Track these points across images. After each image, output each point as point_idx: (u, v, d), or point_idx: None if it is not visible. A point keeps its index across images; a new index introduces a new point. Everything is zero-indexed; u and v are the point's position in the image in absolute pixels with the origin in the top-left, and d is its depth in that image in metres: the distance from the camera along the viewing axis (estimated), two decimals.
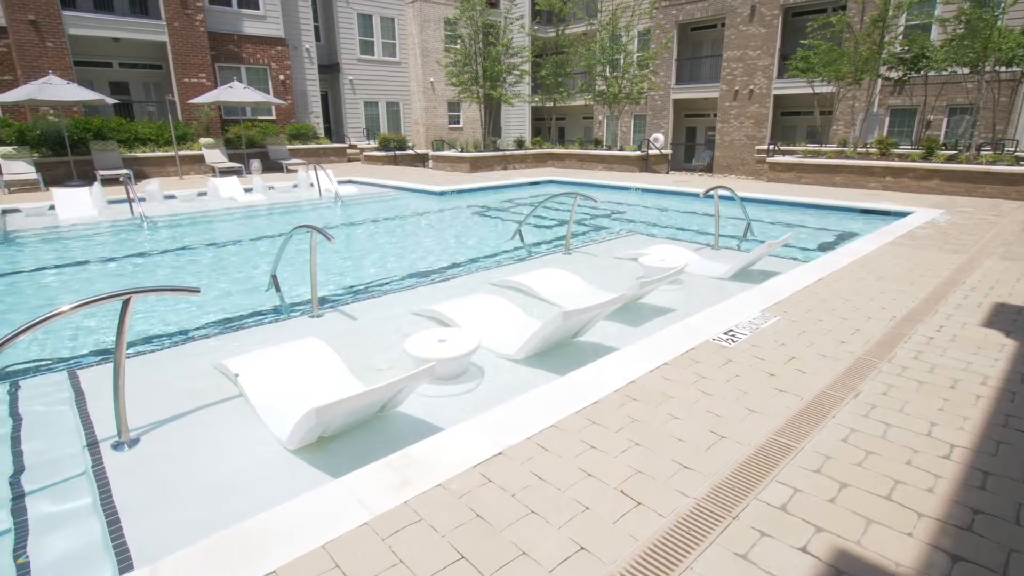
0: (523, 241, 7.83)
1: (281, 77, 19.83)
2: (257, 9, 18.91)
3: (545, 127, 23.99)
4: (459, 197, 12.95)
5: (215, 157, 16.06)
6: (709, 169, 23.63)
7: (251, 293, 5.78)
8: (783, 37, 20.30)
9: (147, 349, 4.34)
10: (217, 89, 16.12)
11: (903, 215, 8.89)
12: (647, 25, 23.49)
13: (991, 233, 7.27)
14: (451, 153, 18.07)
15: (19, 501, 2.63)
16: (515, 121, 30.93)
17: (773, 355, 3.55)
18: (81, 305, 2.73)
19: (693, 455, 2.48)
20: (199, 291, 3.12)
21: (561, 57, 19.88)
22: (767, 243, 5.70)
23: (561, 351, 4.14)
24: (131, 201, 9.84)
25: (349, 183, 14.47)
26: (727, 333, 3.92)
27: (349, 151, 21.37)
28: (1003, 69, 13.17)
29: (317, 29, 22.75)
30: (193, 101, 16.24)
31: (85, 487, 2.70)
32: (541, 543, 1.96)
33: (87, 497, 2.63)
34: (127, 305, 2.88)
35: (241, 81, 18.40)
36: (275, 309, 5.30)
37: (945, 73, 13.82)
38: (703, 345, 3.71)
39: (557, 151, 18.93)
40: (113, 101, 14.12)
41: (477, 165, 17.32)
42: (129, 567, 2.19)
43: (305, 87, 21.21)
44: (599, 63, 18.47)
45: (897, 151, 13.06)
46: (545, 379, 3.63)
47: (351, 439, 3.03)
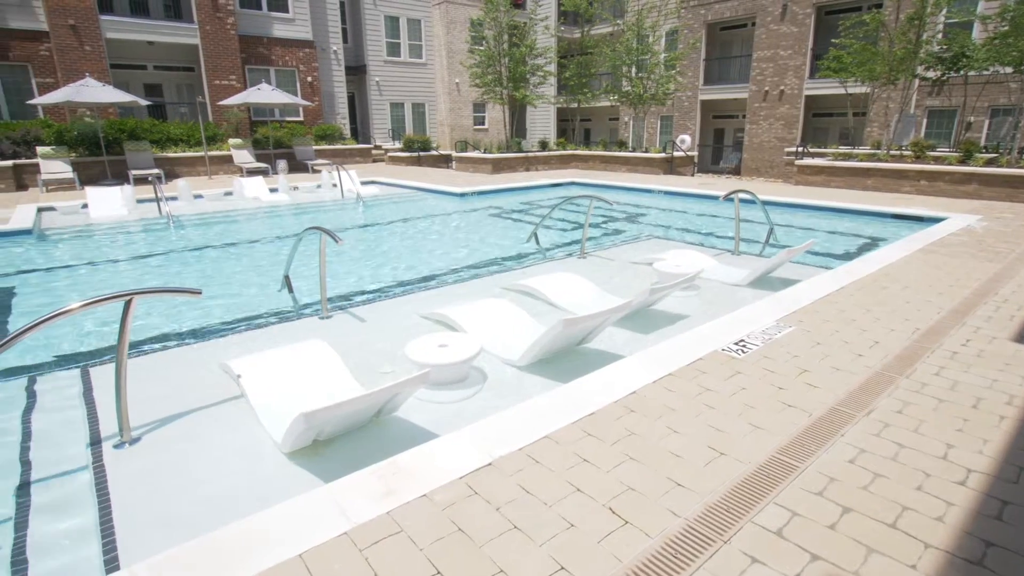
0: (538, 244, 7.76)
1: (309, 79, 20.16)
2: (286, 12, 19.26)
3: (570, 128, 23.81)
4: (479, 198, 12.94)
5: (243, 157, 16.40)
6: (737, 171, 23.16)
7: (265, 293, 5.85)
8: (816, 36, 19.76)
9: (158, 348, 4.41)
10: (246, 91, 16.47)
11: (936, 221, 8.54)
12: (674, 25, 23.16)
13: None
14: (474, 154, 18.10)
15: (24, 494, 2.69)
16: (540, 122, 30.85)
17: (784, 367, 3.42)
18: (84, 305, 2.77)
19: (689, 472, 2.39)
20: (200, 292, 3.15)
21: (586, 58, 19.73)
22: (787, 250, 5.52)
23: (566, 358, 4.07)
24: (158, 200, 10.10)
25: (372, 183, 14.62)
26: (738, 343, 3.79)
27: (374, 152, 21.60)
28: None
29: (345, 31, 23.07)
30: (223, 103, 16.62)
31: (85, 483, 2.74)
32: (521, 561, 1.90)
33: (86, 493, 2.67)
34: (129, 306, 2.92)
35: (270, 83, 18.78)
36: (286, 310, 5.35)
37: (987, 73, 13.24)
38: (711, 355, 3.59)
39: (580, 152, 18.79)
40: (146, 103, 14.53)
41: (499, 166, 17.31)
42: (115, 566, 2.22)
43: (332, 88, 21.52)
44: (624, 64, 18.26)
45: (933, 154, 12.56)
46: (547, 386, 3.58)
47: (346, 443, 3.01)
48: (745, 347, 3.73)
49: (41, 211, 10.28)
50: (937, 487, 2.28)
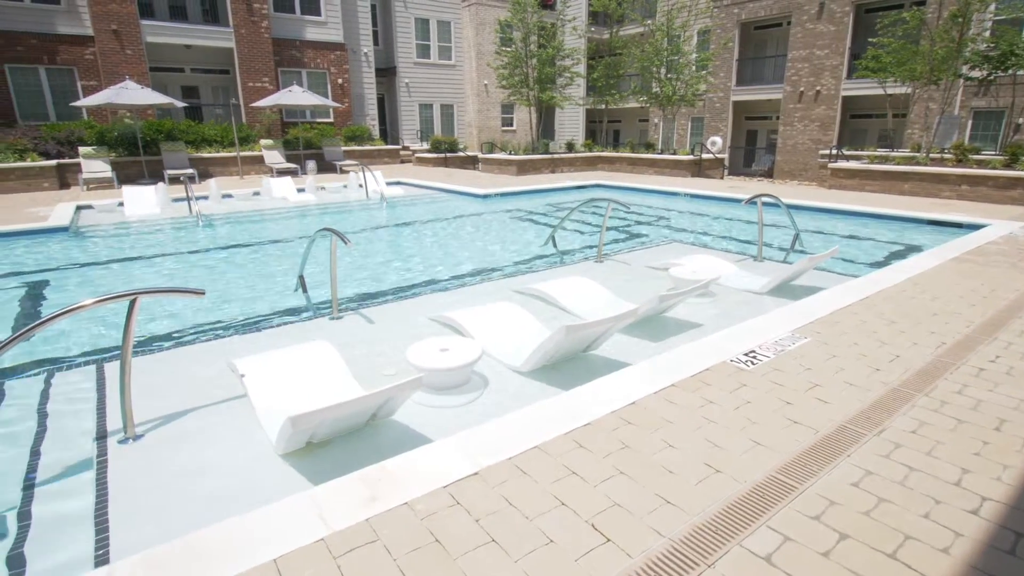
0: (556, 247, 7.69)
1: (339, 81, 20.50)
2: (319, 15, 19.62)
3: (599, 130, 23.61)
4: (502, 200, 12.92)
5: (274, 158, 16.77)
6: (770, 174, 22.58)
7: (280, 292, 5.94)
8: (854, 35, 19.12)
9: (171, 345, 4.52)
10: (278, 93, 16.84)
11: (976, 228, 8.14)
12: (705, 24, 22.73)
13: None
14: (499, 155, 18.11)
15: (29, 484, 2.77)
16: (569, 123, 30.70)
17: (794, 381, 3.28)
18: (89, 304, 2.84)
19: (680, 489, 2.30)
20: (203, 293, 3.20)
21: (613, 59, 19.53)
22: (809, 257, 5.32)
23: (572, 364, 4.00)
24: (189, 200, 10.39)
25: (397, 184, 14.75)
26: (748, 354, 3.66)
27: (402, 153, 21.82)
28: None
29: (376, 33, 23.38)
30: (255, 104, 17.02)
31: (88, 476, 2.81)
32: None
33: (87, 486, 2.73)
34: (133, 305, 2.98)
35: (302, 85, 19.17)
36: (300, 309, 5.42)
37: None
38: (718, 366, 3.48)
39: (607, 154, 18.61)
40: (182, 104, 14.99)
41: (524, 168, 17.27)
42: (105, 558, 2.26)
43: (362, 90, 21.83)
44: (652, 64, 18.01)
45: (977, 157, 11.99)
46: (549, 393, 3.52)
47: (342, 446, 3.01)
48: (755, 358, 3.60)
49: (79, 209, 10.70)
50: (946, 515, 2.14)
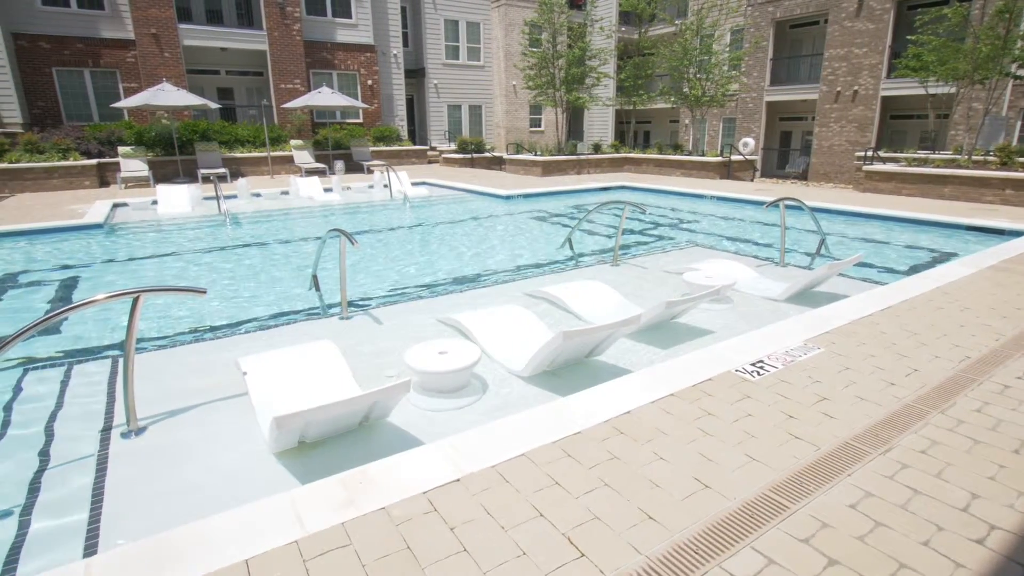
0: (572, 250, 7.61)
1: (369, 82, 20.79)
2: (350, 18, 19.93)
3: (628, 130, 23.32)
4: (525, 201, 12.88)
5: (303, 158, 17.11)
6: (804, 177, 21.94)
7: (296, 291, 6.02)
8: (895, 32, 18.42)
9: (187, 340, 4.62)
10: (308, 94, 17.17)
11: (1020, 234, 7.72)
12: (737, 23, 22.23)
13: None
14: (524, 156, 18.07)
15: (38, 472, 2.87)
16: (598, 124, 30.46)
17: (800, 394, 3.15)
18: (91, 302, 2.92)
19: (664, 504, 2.22)
20: (205, 292, 3.26)
21: (641, 59, 19.27)
22: (829, 263, 5.13)
23: (574, 370, 3.93)
24: (218, 199, 10.66)
25: (422, 184, 14.86)
26: (755, 364, 3.53)
27: (429, 153, 21.99)
28: None
29: (406, 35, 23.63)
30: (286, 105, 17.40)
31: (88, 467, 2.89)
32: None
33: (88, 477, 2.81)
34: (136, 302, 3.06)
35: (332, 86, 19.52)
36: (311, 308, 5.48)
37: None
38: (722, 376, 3.36)
39: (634, 156, 18.37)
40: (215, 105, 15.41)
41: (550, 169, 17.19)
42: (95, 547, 2.32)
43: (391, 91, 22.08)
44: (681, 64, 17.70)
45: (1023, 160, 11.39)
46: (547, 399, 3.47)
47: (334, 447, 3.02)
48: (762, 368, 3.47)
49: (115, 207, 11.11)
50: (948, 544, 2.01)
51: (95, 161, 13.79)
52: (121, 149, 14.21)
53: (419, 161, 20.56)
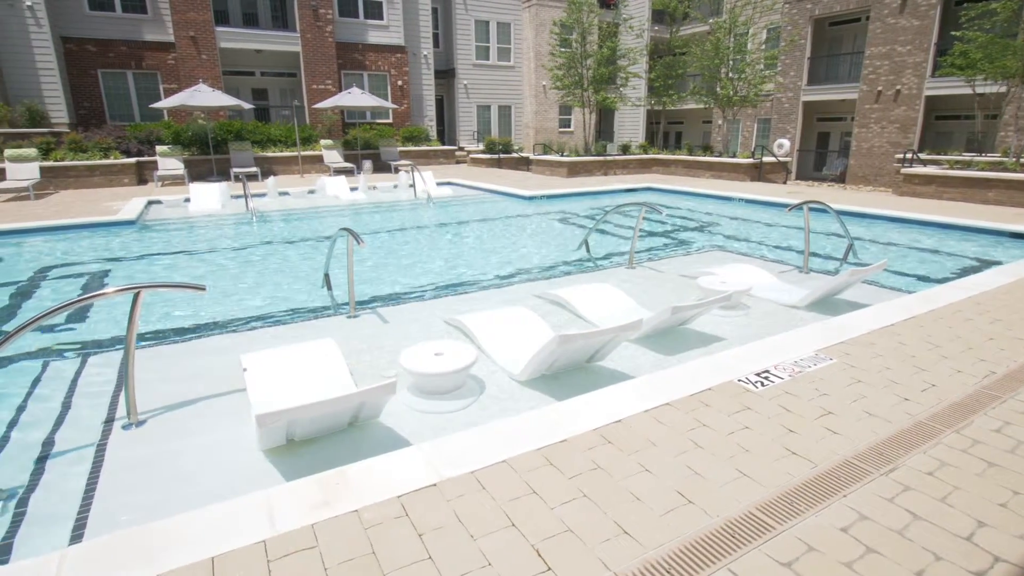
0: (589, 252, 7.51)
1: (399, 83, 21.02)
2: (381, 20, 20.19)
3: (659, 131, 22.93)
4: (547, 202, 12.80)
5: (332, 157, 17.40)
6: (842, 179, 21.19)
7: (309, 289, 6.10)
8: (941, 30, 17.61)
9: (194, 336, 4.72)
10: (337, 95, 17.45)
11: None
12: (771, 22, 21.61)
13: None
14: (550, 157, 17.97)
15: (42, 460, 2.96)
16: (629, 125, 30.12)
17: (804, 407, 3.00)
18: (94, 296, 3.00)
19: (642, 519, 2.14)
20: (204, 288, 3.31)
21: (671, 59, 18.93)
22: (851, 270, 4.90)
23: (574, 375, 3.86)
24: (246, 197, 10.92)
25: (447, 184, 14.93)
26: (760, 374, 3.39)
27: (457, 154, 22.10)
28: None
29: (436, 36, 23.81)
30: (316, 106, 17.73)
31: (87, 456, 2.96)
32: None
33: (84, 466, 2.88)
34: (137, 298, 3.12)
35: (363, 87, 19.81)
36: (323, 306, 5.54)
37: None
38: (723, 386, 3.24)
39: (662, 157, 18.07)
40: (248, 106, 15.82)
41: (575, 170, 17.05)
42: (80, 536, 2.37)
43: (421, 92, 22.27)
44: (712, 63, 17.31)
45: None
46: (543, 403, 3.41)
47: (323, 445, 3.02)
48: (767, 379, 3.33)
49: (150, 204, 11.49)
50: (944, 575, 1.87)
51: (134, 160, 14.31)
52: (159, 148, 14.71)
53: (447, 161, 20.68)
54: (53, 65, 15.31)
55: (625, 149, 19.36)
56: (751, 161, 15.65)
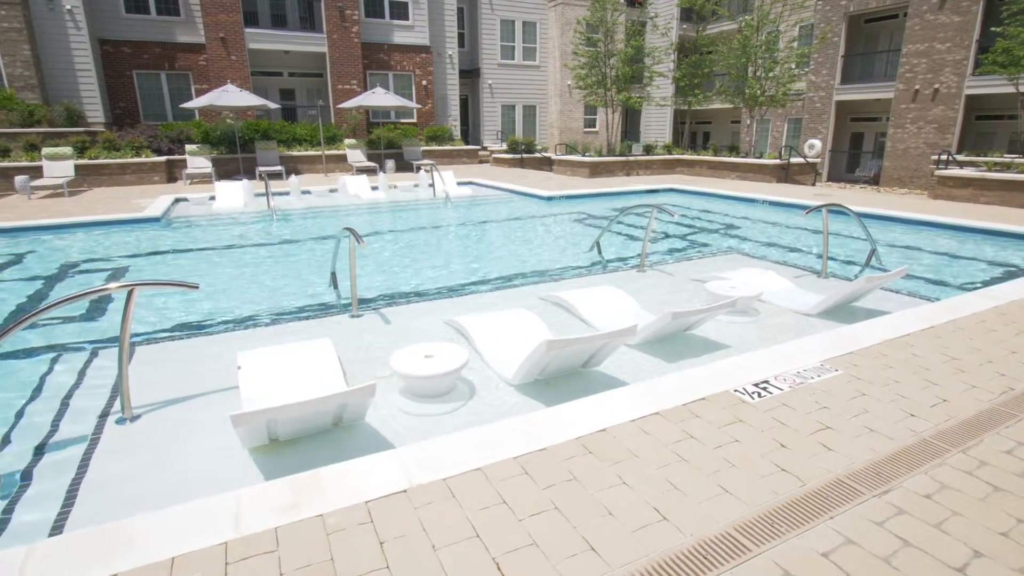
0: (601, 254, 7.39)
1: (424, 83, 21.14)
2: (406, 20, 20.34)
3: (686, 131, 22.53)
4: (566, 203, 12.69)
5: (356, 156, 17.60)
6: (875, 181, 20.49)
7: (318, 287, 6.15)
8: (983, 26, 16.85)
9: (199, 333, 4.80)
10: (361, 95, 17.64)
11: None
12: (801, 18, 21.00)
13: None
14: (572, 157, 17.83)
15: (34, 450, 3.04)
16: (656, 125, 29.72)
17: (800, 421, 2.87)
18: (87, 293, 3.06)
19: (612, 535, 2.06)
20: (197, 286, 3.35)
21: (697, 57, 18.57)
22: (868, 276, 4.69)
23: (568, 380, 3.78)
24: (268, 195, 11.11)
25: (468, 184, 14.94)
26: (758, 384, 3.26)
27: (480, 153, 22.12)
28: None
29: (461, 36, 23.87)
30: (341, 106, 17.95)
31: (79, 449, 3.02)
32: None
33: (75, 456, 2.95)
34: (131, 295, 3.17)
35: (387, 87, 20.00)
36: (328, 305, 5.57)
37: None
38: (718, 396, 3.12)
39: (686, 157, 17.75)
40: (274, 106, 16.11)
41: (597, 170, 16.88)
42: (61, 528, 2.42)
43: (446, 91, 22.36)
44: (739, 62, 16.91)
45: None
46: (533, 408, 3.35)
47: (308, 446, 3.02)
48: (765, 390, 3.20)
49: (176, 201, 11.79)
50: None
51: (164, 158, 14.72)
52: (188, 147, 15.10)
53: (470, 161, 20.71)
54: (90, 66, 15.85)
55: (649, 149, 19.09)
56: (778, 162, 15.25)
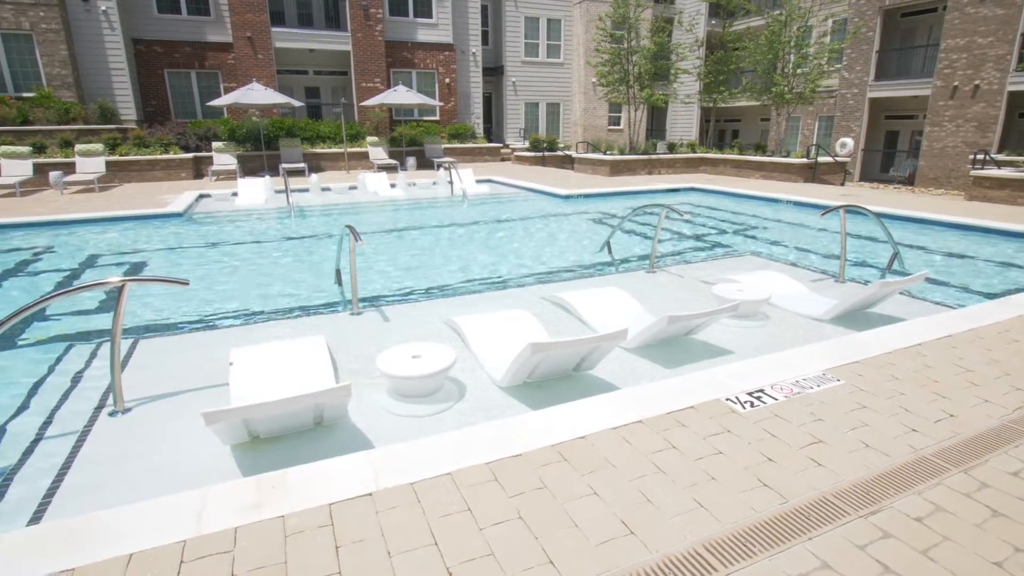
0: (611, 254, 7.27)
1: (447, 80, 21.18)
2: (430, 18, 20.40)
3: (713, 129, 22.09)
4: (584, 202, 12.55)
5: (377, 154, 17.74)
6: (910, 181, 19.76)
7: (323, 284, 6.18)
8: None
9: (200, 328, 4.87)
10: (383, 93, 17.76)
11: None
12: (832, 13, 20.35)
13: None
14: (593, 155, 17.65)
15: (35, 441, 3.11)
16: (682, 122, 29.20)
17: (792, 433, 2.74)
18: (78, 289, 3.11)
19: (574, 549, 1.99)
20: (187, 282, 3.38)
21: (721, 54, 18.15)
22: (883, 281, 4.49)
23: (560, 384, 3.70)
24: (287, 192, 11.27)
25: (487, 182, 14.90)
26: (752, 393, 3.13)
27: (503, 151, 22.06)
28: None
29: (485, 33, 23.84)
30: (363, 104, 18.11)
31: (69, 440, 3.08)
32: None
33: (65, 448, 3.00)
34: (122, 291, 3.22)
35: (411, 85, 20.10)
36: (331, 302, 5.60)
37: None
38: (707, 404, 3.01)
39: (710, 156, 17.38)
40: (298, 104, 16.32)
41: (618, 169, 16.66)
42: (40, 517, 2.46)
43: (469, 89, 22.37)
44: (765, 59, 16.46)
45: None
46: (519, 411, 3.29)
47: (289, 444, 3.01)
48: (759, 399, 3.07)
49: (200, 197, 12.06)
50: None
51: (191, 155, 15.08)
52: (214, 144, 15.43)
53: (492, 159, 20.68)
54: (124, 65, 16.33)
55: (672, 148, 18.77)
56: (805, 161, 14.81)
